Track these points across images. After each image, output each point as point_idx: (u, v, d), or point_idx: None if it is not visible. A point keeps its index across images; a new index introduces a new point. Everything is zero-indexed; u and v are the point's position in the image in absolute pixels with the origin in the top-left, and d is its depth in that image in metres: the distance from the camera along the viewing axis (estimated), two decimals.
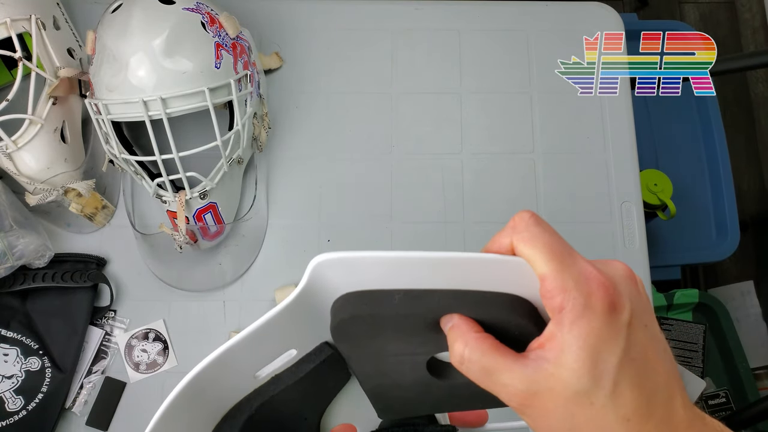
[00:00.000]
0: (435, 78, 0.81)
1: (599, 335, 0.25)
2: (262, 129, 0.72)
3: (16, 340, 0.68)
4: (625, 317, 0.25)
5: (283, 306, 0.29)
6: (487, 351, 0.26)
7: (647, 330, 0.26)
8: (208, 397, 0.31)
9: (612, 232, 0.76)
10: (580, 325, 0.25)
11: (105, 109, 0.60)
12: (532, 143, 0.79)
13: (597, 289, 0.25)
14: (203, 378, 0.29)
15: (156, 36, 0.58)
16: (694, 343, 1.24)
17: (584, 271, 0.26)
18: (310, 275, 0.28)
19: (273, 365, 0.33)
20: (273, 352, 0.32)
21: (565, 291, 0.25)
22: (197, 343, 0.71)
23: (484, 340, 0.27)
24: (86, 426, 0.68)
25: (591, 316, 0.25)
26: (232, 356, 0.30)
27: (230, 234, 0.73)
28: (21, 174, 0.64)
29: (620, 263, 0.28)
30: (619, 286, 0.26)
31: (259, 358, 0.32)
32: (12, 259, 0.64)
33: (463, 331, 0.27)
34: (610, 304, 0.25)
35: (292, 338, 0.32)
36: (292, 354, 0.33)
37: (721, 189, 1.19)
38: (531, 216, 0.28)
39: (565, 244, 0.27)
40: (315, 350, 0.33)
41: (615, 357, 0.25)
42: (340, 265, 0.27)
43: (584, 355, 0.25)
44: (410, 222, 0.76)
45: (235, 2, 0.77)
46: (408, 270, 0.27)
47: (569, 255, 0.26)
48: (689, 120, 1.24)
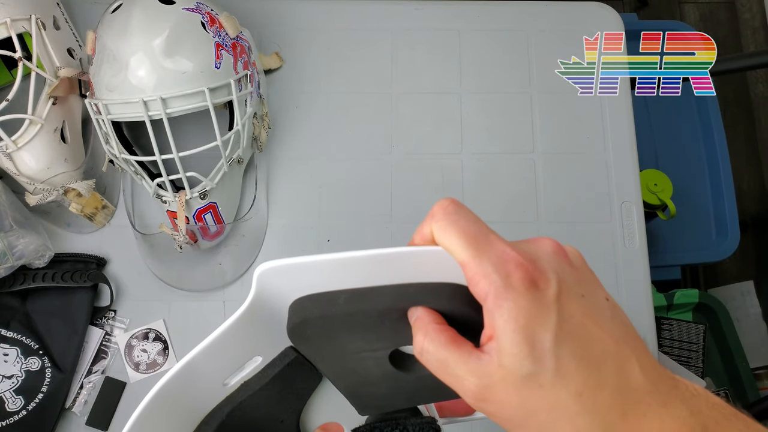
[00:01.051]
0: (435, 78, 0.81)
1: (527, 314, 0.24)
2: (262, 129, 0.72)
3: (16, 340, 0.68)
4: (552, 292, 0.25)
5: (236, 317, 0.29)
6: (444, 343, 0.26)
7: (584, 300, 0.26)
8: (180, 407, 0.31)
9: (612, 232, 0.76)
10: (506, 308, 0.24)
11: (105, 109, 0.60)
12: (532, 143, 0.79)
13: (515, 269, 0.25)
14: (169, 390, 0.30)
15: (156, 36, 0.58)
16: (694, 343, 1.24)
17: (501, 253, 0.25)
18: (256, 285, 0.29)
19: (241, 373, 0.33)
20: (237, 360, 0.33)
21: (485, 276, 0.25)
22: (197, 343, 0.71)
23: (442, 332, 0.26)
24: (86, 426, 0.68)
25: (514, 297, 0.24)
26: (195, 368, 0.30)
27: (230, 234, 0.73)
28: (21, 174, 0.64)
29: (547, 239, 0.27)
30: (541, 262, 0.26)
31: (225, 367, 0.32)
32: (12, 259, 0.64)
33: (425, 323, 0.27)
34: (531, 281, 0.25)
35: (255, 345, 0.32)
36: (257, 361, 0.33)
37: (721, 189, 1.19)
38: (450, 203, 0.28)
39: (482, 227, 0.27)
40: (280, 355, 0.33)
41: (550, 333, 0.24)
42: (282, 272, 0.28)
43: (519, 338, 0.24)
44: (410, 222, 0.76)
45: (235, 2, 0.77)
46: (347, 270, 0.28)
47: (485, 238, 0.26)
48: (689, 120, 1.24)
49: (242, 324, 0.30)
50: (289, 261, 0.27)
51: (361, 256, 0.27)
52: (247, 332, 0.31)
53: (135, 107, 0.59)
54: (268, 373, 0.33)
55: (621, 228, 0.76)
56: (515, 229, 0.76)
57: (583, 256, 0.28)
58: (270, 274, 0.28)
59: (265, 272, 0.28)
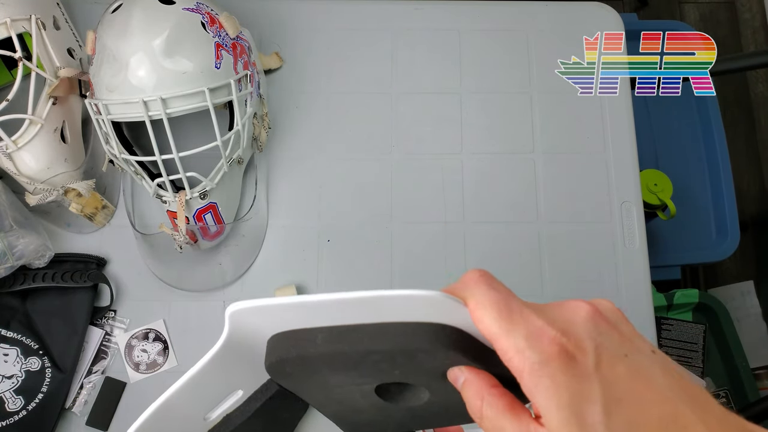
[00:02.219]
0: (435, 78, 0.81)
1: (569, 389, 0.23)
2: (262, 129, 0.72)
3: (16, 340, 0.68)
4: (591, 362, 0.24)
5: (211, 355, 0.29)
6: (503, 409, 0.25)
7: (629, 360, 0.25)
8: None
9: (612, 232, 0.76)
10: (544, 386, 0.24)
11: (105, 110, 0.60)
12: (532, 143, 0.79)
13: (549, 345, 0.24)
14: (148, 428, 0.29)
15: (156, 36, 0.58)
16: (694, 343, 1.24)
17: (534, 328, 0.25)
18: (229, 324, 0.28)
19: (222, 407, 0.33)
20: (217, 395, 0.32)
21: (519, 352, 0.24)
22: (197, 343, 0.71)
23: (501, 397, 0.26)
24: (86, 426, 0.68)
25: (551, 373, 0.24)
26: (174, 404, 0.30)
27: (230, 234, 0.73)
28: (21, 174, 0.64)
29: (578, 302, 0.26)
30: (576, 331, 0.25)
31: (205, 403, 0.32)
32: (12, 259, 0.64)
33: (479, 387, 0.26)
34: (566, 354, 0.24)
35: (235, 379, 0.32)
36: (239, 394, 0.33)
37: (721, 189, 1.19)
38: (482, 274, 0.27)
39: (514, 300, 0.26)
40: (262, 387, 0.33)
41: (598, 405, 0.23)
42: (253, 313, 0.27)
43: (565, 416, 0.23)
44: (410, 222, 0.76)
45: (235, 2, 0.77)
46: (326, 310, 0.27)
47: (518, 312, 0.25)
48: (689, 120, 1.24)
49: (218, 361, 0.29)
50: (259, 302, 0.26)
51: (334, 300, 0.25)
52: (225, 368, 0.30)
53: (135, 107, 0.59)
54: (250, 406, 0.33)
55: (621, 228, 0.76)
56: (515, 229, 0.76)
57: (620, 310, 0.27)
58: (241, 314, 0.27)
59: (236, 312, 0.27)
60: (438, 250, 0.75)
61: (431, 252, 0.75)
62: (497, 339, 0.25)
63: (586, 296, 0.27)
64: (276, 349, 0.28)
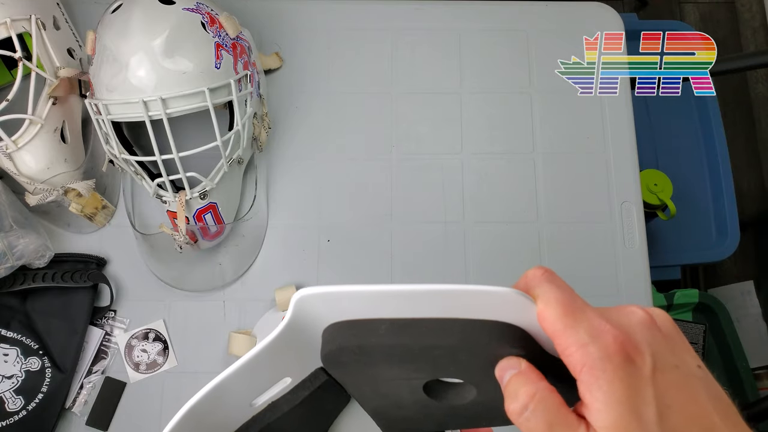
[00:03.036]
0: (435, 78, 0.81)
1: (627, 388, 0.24)
2: (262, 129, 0.72)
3: (16, 340, 0.68)
4: (647, 366, 0.25)
5: (272, 339, 0.29)
6: (556, 406, 0.26)
7: (679, 372, 0.26)
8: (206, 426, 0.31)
9: (612, 232, 0.76)
10: (604, 380, 0.24)
11: (105, 110, 0.60)
12: (532, 143, 0.79)
13: (612, 342, 0.25)
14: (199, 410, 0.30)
15: (156, 36, 0.58)
16: (694, 343, 1.24)
17: (597, 324, 0.25)
18: (293, 310, 0.28)
19: (268, 393, 0.33)
20: (267, 381, 0.32)
21: (582, 346, 0.25)
22: (197, 343, 0.71)
23: (554, 394, 0.26)
24: (86, 426, 0.68)
25: (612, 369, 0.24)
26: (227, 387, 0.30)
27: (230, 234, 0.73)
28: (21, 174, 0.64)
29: (635, 308, 0.27)
30: (634, 335, 0.26)
31: (254, 388, 0.32)
32: (12, 259, 0.64)
33: (533, 380, 0.26)
34: (626, 355, 0.25)
35: (286, 367, 0.32)
36: (287, 382, 0.33)
37: (721, 189, 1.18)
38: (545, 271, 0.27)
39: (576, 298, 0.26)
40: (310, 376, 0.33)
41: (653, 408, 0.24)
42: (322, 299, 0.27)
43: (623, 411, 0.24)
44: (410, 222, 0.76)
45: (235, 2, 0.77)
46: (391, 301, 0.27)
47: (581, 309, 0.26)
48: (689, 120, 1.24)
49: (275, 347, 0.30)
50: (330, 289, 0.27)
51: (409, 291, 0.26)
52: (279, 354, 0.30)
53: (135, 107, 0.59)
54: (298, 395, 0.33)
55: (621, 228, 0.76)
56: (515, 229, 0.76)
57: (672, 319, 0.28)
58: (308, 300, 0.28)
59: (304, 298, 0.27)
60: (438, 250, 0.75)
61: (431, 252, 0.75)
62: (560, 335, 0.25)
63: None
64: (336, 338, 0.28)
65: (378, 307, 0.27)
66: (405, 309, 0.27)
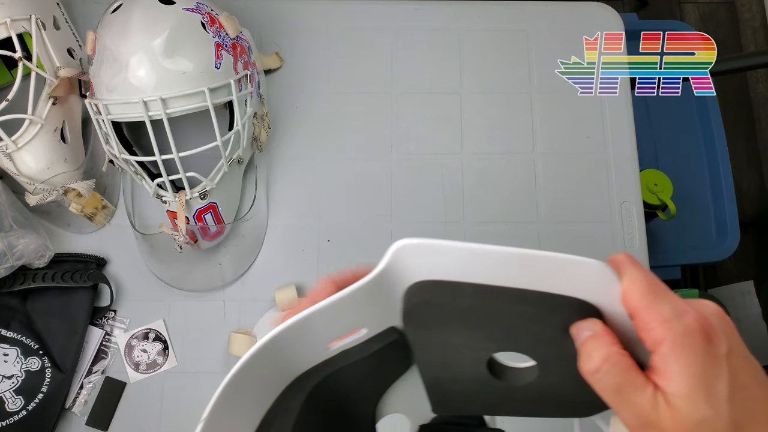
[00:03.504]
0: (435, 78, 0.81)
1: (705, 362, 0.26)
2: (262, 129, 0.72)
3: (16, 340, 0.68)
4: (723, 348, 0.27)
5: (363, 283, 0.30)
6: (626, 368, 0.28)
7: (747, 362, 0.28)
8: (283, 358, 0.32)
9: (612, 232, 0.76)
10: (684, 355, 0.26)
11: (105, 110, 0.60)
12: (532, 143, 0.79)
13: (693, 321, 0.27)
14: (281, 340, 0.30)
15: (156, 36, 0.58)
16: None
17: (679, 305, 0.27)
18: (391, 257, 0.29)
19: (344, 340, 0.34)
20: (346, 326, 0.33)
21: (665, 321, 0.26)
22: (197, 343, 0.71)
23: (625, 358, 0.28)
24: (86, 426, 0.68)
25: (692, 345, 0.26)
26: (311, 323, 0.31)
27: (230, 234, 0.73)
28: (21, 174, 0.64)
29: (710, 302, 0.29)
30: (712, 320, 0.28)
31: (333, 330, 0.33)
32: (12, 259, 0.64)
33: (607, 343, 0.28)
34: (706, 335, 0.27)
35: (365, 317, 0.33)
36: (362, 333, 0.33)
37: (721, 189, 1.18)
38: (628, 256, 0.29)
39: (660, 282, 0.28)
40: (384, 332, 0.34)
41: (725, 383, 0.26)
42: (420, 251, 0.28)
43: (696, 383, 0.26)
44: (410, 222, 0.76)
45: (235, 2, 0.77)
46: (483, 264, 0.28)
47: (664, 291, 0.28)
48: (689, 120, 1.24)
49: (363, 292, 0.30)
50: (431, 241, 0.28)
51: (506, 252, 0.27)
52: (363, 302, 0.31)
53: (135, 107, 0.59)
54: (370, 347, 0.33)
55: (621, 228, 0.76)
56: (515, 229, 0.76)
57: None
58: (407, 250, 0.28)
59: (403, 248, 0.28)
60: None
61: None
62: (643, 311, 0.27)
63: None
64: (424, 292, 0.29)
65: (466, 268, 0.28)
66: (491, 274, 0.28)
